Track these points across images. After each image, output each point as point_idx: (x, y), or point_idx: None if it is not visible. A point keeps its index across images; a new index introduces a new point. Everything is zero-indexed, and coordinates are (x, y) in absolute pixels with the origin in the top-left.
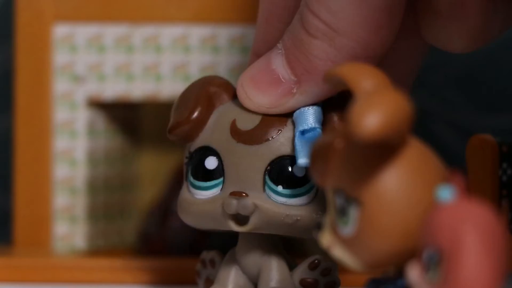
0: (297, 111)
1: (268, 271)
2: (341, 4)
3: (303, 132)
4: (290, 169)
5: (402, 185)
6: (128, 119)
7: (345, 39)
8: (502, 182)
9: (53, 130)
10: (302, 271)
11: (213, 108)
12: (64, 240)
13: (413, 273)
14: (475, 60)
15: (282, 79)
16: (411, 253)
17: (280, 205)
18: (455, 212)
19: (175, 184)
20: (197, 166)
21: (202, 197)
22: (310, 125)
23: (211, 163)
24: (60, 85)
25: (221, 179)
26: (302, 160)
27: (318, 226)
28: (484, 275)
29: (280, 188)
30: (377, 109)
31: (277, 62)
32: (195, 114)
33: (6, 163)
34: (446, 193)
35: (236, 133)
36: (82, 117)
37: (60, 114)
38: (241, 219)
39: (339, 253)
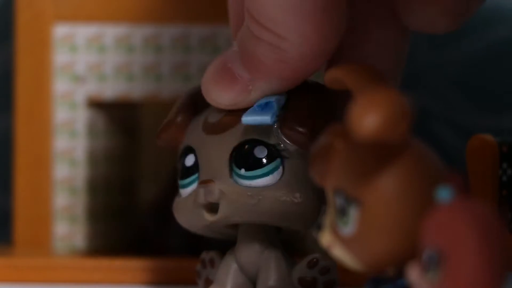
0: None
1: (267, 270)
2: (278, 11)
3: (260, 107)
4: (251, 151)
5: (402, 185)
6: (128, 119)
7: (289, 42)
8: (502, 182)
9: (53, 130)
10: (300, 269)
11: (196, 113)
12: (64, 240)
13: (413, 273)
14: (475, 60)
15: (238, 77)
16: (411, 253)
17: (244, 187)
18: (455, 212)
19: (175, 184)
20: (181, 167)
21: (185, 194)
22: (266, 100)
23: (189, 160)
24: (60, 85)
25: (197, 174)
26: (245, 118)
27: (318, 226)
28: (484, 275)
29: (243, 171)
30: (377, 109)
31: (232, 59)
32: (178, 118)
33: (6, 163)
34: (446, 193)
35: (206, 126)
36: (82, 117)
37: (60, 114)
38: (212, 208)
39: (339, 253)
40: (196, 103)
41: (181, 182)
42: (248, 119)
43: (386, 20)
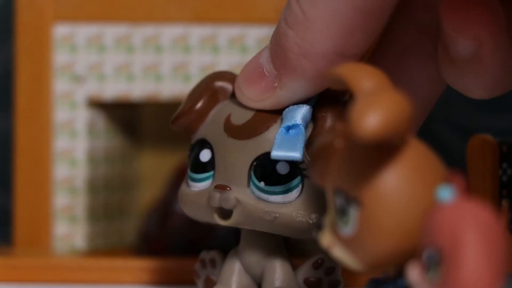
0: (287, 109)
1: (273, 271)
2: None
3: (287, 128)
4: (273, 166)
5: (402, 185)
6: (128, 119)
7: (317, 33)
8: (502, 182)
9: (53, 130)
10: (306, 270)
11: (216, 102)
12: (64, 240)
13: (413, 273)
14: None
15: (266, 73)
16: (411, 253)
17: (261, 201)
18: (455, 212)
19: (175, 184)
20: (194, 159)
21: (196, 189)
22: (294, 122)
23: (205, 155)
24: (60, 85)
25: (212, 172)
26: (275, 153)
27: (318, 226)
28: (484, 275)
29: (262, 184)
30: (377, 109)
31: (264, 56)
32: (198, 106)
33: (6, 163)
34: (446, 193)
35: (228, 128)
36: (82, 117)
37: (60, 114)
38: (224, 213)
39: (339, 253)
40: (216, 91)
41: (192, 175)
42: (278, 154)
43: (427, 63)
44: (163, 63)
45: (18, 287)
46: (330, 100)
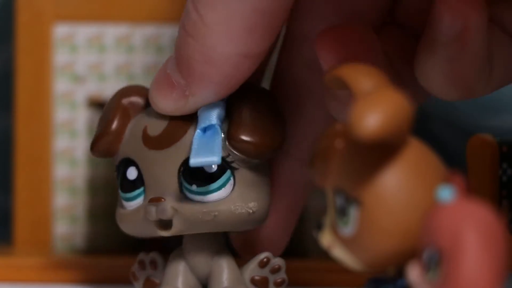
0: (200, 109)
1: (220, 271)
2: (203, 13)
3: (204, 130)
4: (200, 167)
5: (402, 185)
6: None
7: (217, 37)
8: (502, 182)
9: (53, 130)
10: (252, 269)
11: (129, 118)
12: (64, 240)
13: (413, 273)
14: None
15: (175, 83)
16: (411, 253)
17: (197, 203)
18: (455, 212)
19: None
20: (121, 179)
21: (130, 208)
22: (209, 122)
23: (131, 173)
24: (60, 85)
25: (142, 188)
26: (193, 160)
27: (318, 226)
28: (484, 275)
29: (194, 187)
30: (377, 109)
31: (170, 66)
32: (113, 126)
33: (6, 163)
34: (446, 193)
35: (147, 140)
36: (82, 117)
37: (60, 114)
38: (164, 224)
39: (339, 253)
40: (126, 108)
41: (124, 195)
42: (196, 161)
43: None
44: (163, 63)
45: (18, 287)
46: (241, 88)
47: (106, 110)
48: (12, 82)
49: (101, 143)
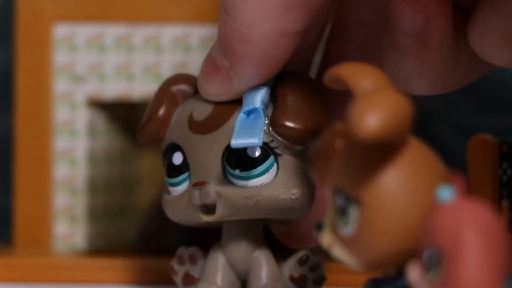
0: (245, 93)
1: (259, 267)
2: None
3: (247, 113)
4: (244, 151)
5: (402, 185)
6: (128, 119)
7: (254, 14)
8: (502, 182)
9: (53, 130)
10: (291, 266)
11: (177, 105)
12: (64, 240)
13: (413, 273)
14: None
15: (220, 66)
16: (411, 253)
17: (240, 188)
18: (455, 212)
19: None
20: (168, 164)
21: (176, 193)
22: (253, 106)
23: (177, 158)
24: (60, 85)
25: (187, 173)
26: (234, 141)
27: (318, 226)
28: (484, 275)
29: (237, 172)
30: (377, 109)
31: (215, 50)
32: (160, 113)
33: (6, 163)
34: (446, 193)
35: (192, 125)
36: (82, 117)
37: (60, 114)
38: (208, 209)
39: (339, 253)
40: (174, 95)
41: (169, 181)
42: (237, 143)
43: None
44: (163, 63)
45: (18, 287)
46: (286, 75)
47: (155, 96)
48: (12, 82)
49: (148, 129)
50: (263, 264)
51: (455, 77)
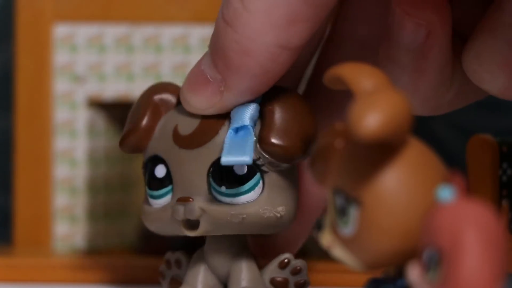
0: (234, 110)
1: (239, 271)
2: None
3: (236, 130)
4: (230, 168)
5: (402, 185)
6: None
7: (258, 25)
8: (502, 182)
9: (53, 130)
10: (272, 270)
11: (160, 116)
12: (64, 240)
13: (413, 273)
14: None
15: (210, 79)
16: (411, 253)
17: (226, 205)
18: (455, 212)
19: None
20: (149, 176)
21: (157, 205)
22: (242, 123)
23: (160, 171)
24: (60, 85)
25: (170, 187)
26: (224, 159)
27: (318, 226)
28: (484, 275)
29: (223, 189)
30: (377, 109)
31: (205, 62)
32: (143, 123)
33: (6, 163)
34: (446, 193)
35: (178, 139)
36: (82, 117)
37: (60, 114)
38: (191, 224)
39: (339, 253)
40: (157, 105)
41: (151, 193)
42: (227, 160)
43: None
44: (163, 63)
45: (18, 287)
46: (274, 92)
47: (136, 105)
48: (12, 82)
49: (131, 139)
50: (243, 267)
51: (447, 98)
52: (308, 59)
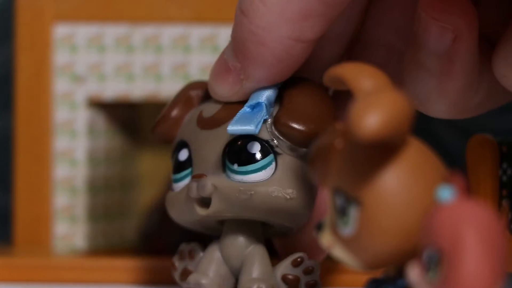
0: (253, 93)
1: (251, 263)
2: None
3: (250, 107)
4: (244, 147)
5: (402, 185)
6: (128, 119)
7: (273, 17)
8: (502, 182)
9: (53, 130)
10: (285, 267)
11: (191, 108)
12: (64, 240)
13: (413, 273)
14: None
15: (231, 68)
16: (411, 253)
17: (236, 182)
18: (455, 212)
19: None
20: (175, 161)
21: (177, 189)
22: (257, 100)
23: (183, 154)
24: (60, 85)
25: (190, 169)
26: (230, 127)
27: (318, 226)
28: (484, 275)
29: (236, 166)
30: (377, 109)
31: (227, 52)
32: (173, 113)
33: (6, 163)
34: (446, 193)
35: (200, 121)
36: (82, 117)
37: (60, 114)
38: (204, 202)
39: (339, 253)
40: (191, 98)
41: (174, 177)
42: (233, 128)
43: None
44: (163, 63)
45: (18, 287)
46: (295, 81)
47: (173, 98)
48: (12, 82)
49: (160, 127)
50: (255, 260)
51: (475, 101)
52: (333, 54)
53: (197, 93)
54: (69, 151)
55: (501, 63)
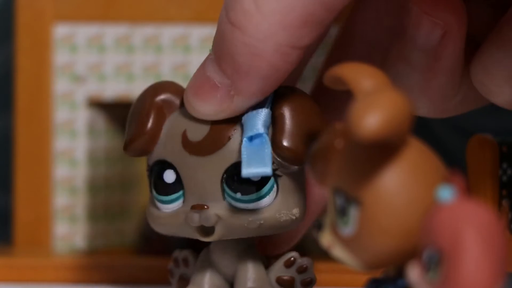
0: (245, 115)
1: (245, 271)
2: (252, 4)
3: (250, 138)
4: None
5: (402, 185)
6: None
7: (270, 24)
8: (502, 182)
9: (53, 130)
10: (278, 269)
11: (164, 118)
12: (64, 240)
13: (413, 273)
14: None
15: (218, 84)
16: (411, 253)
17: (242, 211)
18: (455, 212)
19: None
20: (157, 181)
21: (167, 210)
22: (256, 131)
23: (169, 177)
24: (60, 85)
25: (181, 192)
26: (246, 171)
27: (318, 226)
28: (484, 275)
29: (239, 195)
30: (377, 109)
31: (210, 69)
32: (148, 126)
33: (6, 163)
34: (446, 193)
35: (188, 145)
36: (82, 117)
37: (60, 114)
38: (206, 230)
39: (339, 253)
40: (161, 107)
41: (160, 198)
42: (248, 172)
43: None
44: (163, 63)
45: (18, 287)
46: (284, 94)
47: (138, 108)
48: (12, 82)
49: (137, 144)
50: (249, 267)
51: (453, 102)
52: (306, 59)
53: (163, 98)
54: (69, 151)
55: (478, 70)
